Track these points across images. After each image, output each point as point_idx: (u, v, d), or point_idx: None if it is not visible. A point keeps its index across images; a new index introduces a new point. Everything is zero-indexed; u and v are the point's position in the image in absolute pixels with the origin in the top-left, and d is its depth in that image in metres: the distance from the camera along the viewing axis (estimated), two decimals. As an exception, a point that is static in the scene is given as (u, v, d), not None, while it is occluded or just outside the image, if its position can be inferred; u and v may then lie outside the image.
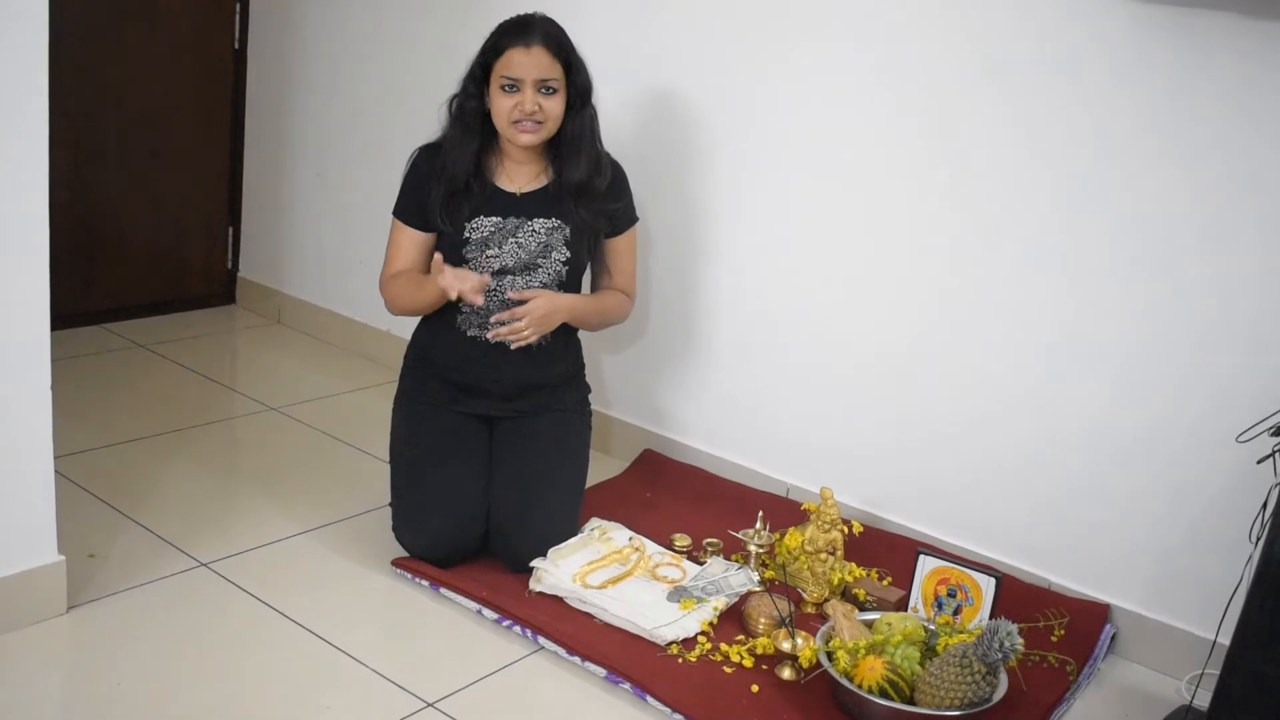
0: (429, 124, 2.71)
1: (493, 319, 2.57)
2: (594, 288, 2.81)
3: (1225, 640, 2.11)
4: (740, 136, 2.97)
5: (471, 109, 2.59)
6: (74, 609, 2.31)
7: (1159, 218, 2.41)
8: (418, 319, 2.77)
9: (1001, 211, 2.62)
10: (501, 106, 2.54)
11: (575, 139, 2.62)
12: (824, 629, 2.32)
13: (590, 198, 2.64)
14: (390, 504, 2.66)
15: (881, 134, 2.76)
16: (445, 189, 2.59)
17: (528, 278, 2.61)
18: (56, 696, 2.14)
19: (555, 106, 2.56)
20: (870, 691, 2.12)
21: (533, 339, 2.57)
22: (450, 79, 2.67)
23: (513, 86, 2.53)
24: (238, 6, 4.03)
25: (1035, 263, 2.59)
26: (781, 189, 2.93)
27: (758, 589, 2.53)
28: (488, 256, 2.59)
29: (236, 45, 4.06)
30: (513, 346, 2.58)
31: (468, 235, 2.60)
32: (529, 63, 2.52)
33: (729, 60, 2.95)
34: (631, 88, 3.09)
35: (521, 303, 2.56)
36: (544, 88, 2.54)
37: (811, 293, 2.93)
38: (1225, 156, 2.32)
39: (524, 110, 2.53)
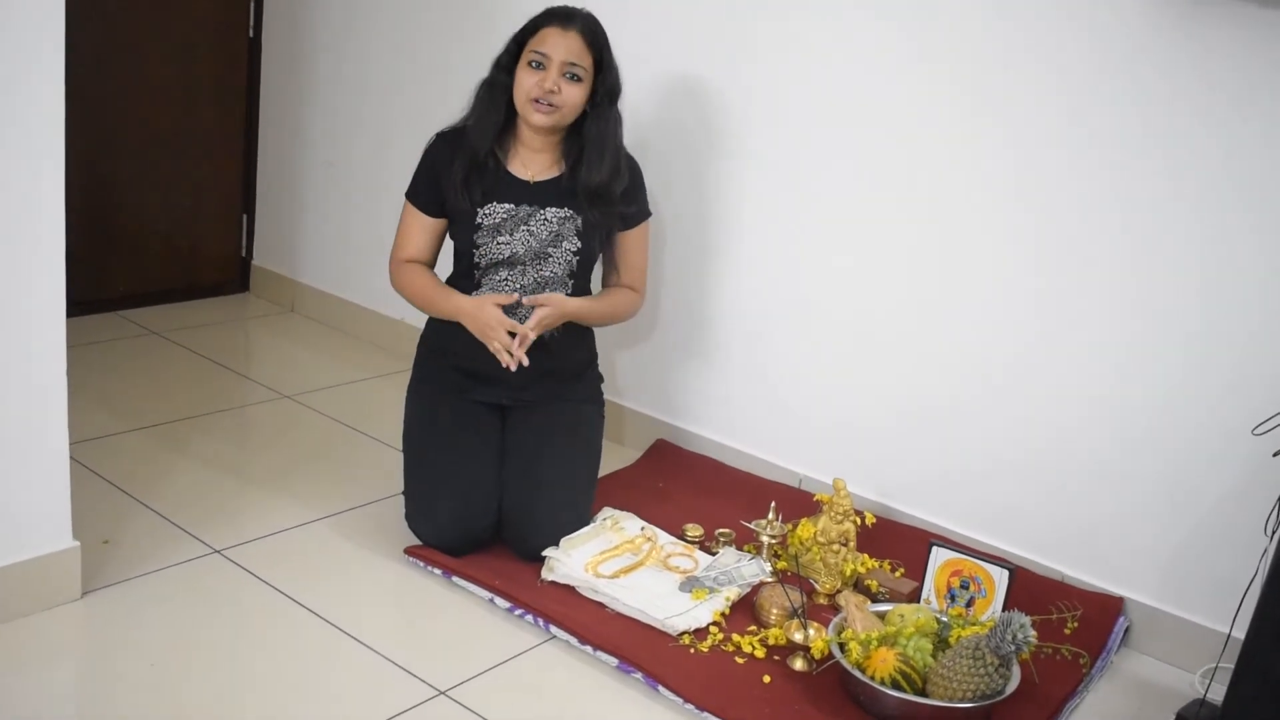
0: (443, 112, 2.71)
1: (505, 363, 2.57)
2: (605, 281, 2.80)
3: (1240, 634, 2.10)
4: (756, 129, 2.97)
5: (501, 83, 2.60)
6: (88, 594, 2.32)
7: (1176, 209, 2.40)
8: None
9: (1019, 206, 2.61)
10: (524, 82, 2.54)
11: (598, 139, 2.60)
12: (836, 620, 2.32)
13: (606, 201, 2.63)
14: (403, 492, 2.67)
15: (898, 128, 2.75)
16: (464, 166, 2.59)
17: (538, 265, 2.61)
18: (71, 681, 2.15)
19: (575, 94, 2.56)
20: (882, 683, 2.12)
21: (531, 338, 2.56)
22: (464, 68, 2.67)
23: (539, 64, 2.53)
24: (252, -6, 4.03)
25: (1051, 256, 2.58)
26: (796, 182, 2.93)
27: (770, 580, 2.53)
28: (499, 243, 2.59)
29: (251, 34, 4.06)
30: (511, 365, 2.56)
31: (480, 221, 2.60)
32: (561, 43, 2.52)
33: (749, 51, 2.94)
34: (650, 78, 3.08)
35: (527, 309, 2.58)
36: (569, 72, 2.54)
37: (825, 284, 2.92)
38: (1249, 148, 2.30)
39: (543, 88, 2.52)
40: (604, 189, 2.61)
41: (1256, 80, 2.26)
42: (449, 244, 2.71)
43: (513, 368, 2.54)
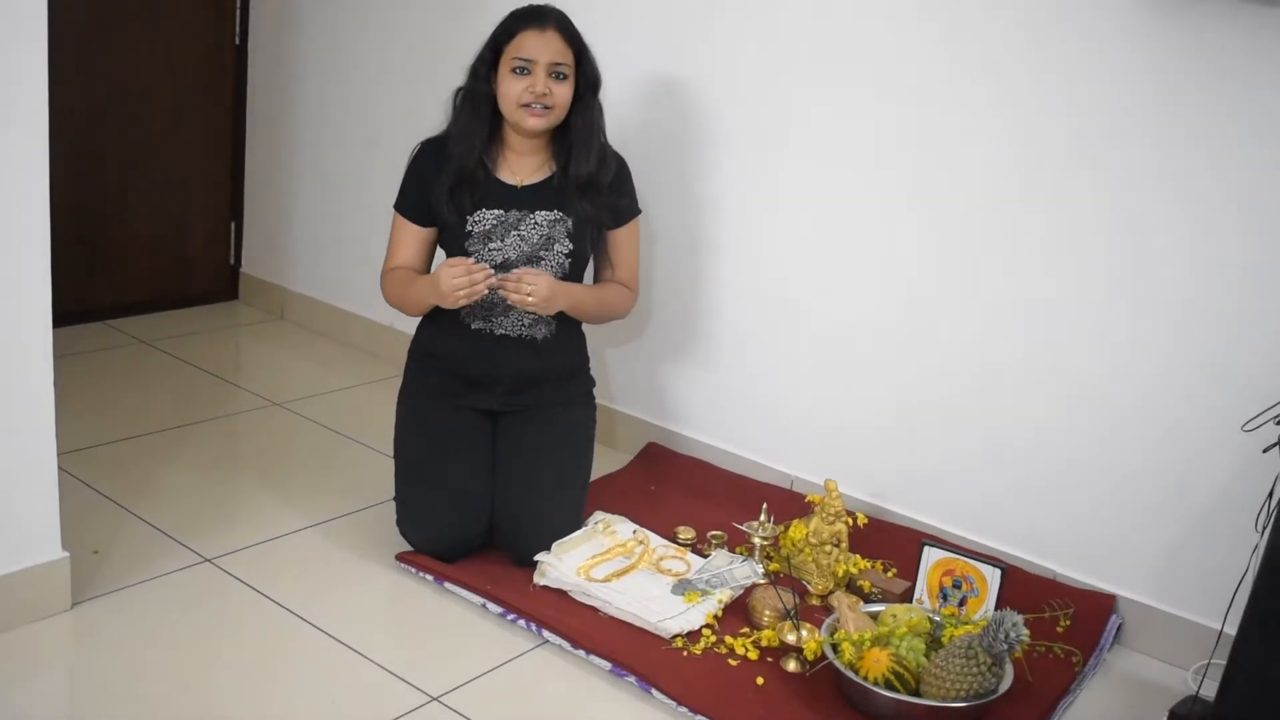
0: (431, 119, 2.70)
1: (499, 278, 2.49)
2: (597, 281, 2.80)
3: (1232, 630, 2.11)
4: (744, 129, 2.97)
5: (481, 93, 2.59)
6: (78, 605, 2.31)
7: (1164, 206, 2.41)
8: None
9: (1003, 202, 2.61)
10: (511, 89, 2.54)
11: (583, 131, 2.61)
12: (829, 621, 2.32)
13: (596, 191, 2.63)
14: (394, 499, 2.66)
15: (883, 128, 2.75)
16: (451, 178, 2.59)
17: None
18: (61, 692, 2.15)
19: (564, 92, 2.56)
20: (875, 683, 2.11)
21: (532, 305, 2.49)
22: (451, 74, 2.67)
23: (524, 69, 2.53)
24: (238, 2, 4.02)
25: (1040, 254, 2.58)
26: (785, 181, 2.93)
27: (762, 581, 2.53)
28: (490, 249, 2.59)
29: (237, 41, 4.06)
30: (511, 300, 2.49)
31: (470, 229, 2.59)
32: (542, 45, 2.52)
33: (734, 53, 2.94)
34: (637, 80, 3.08)
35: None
36: (555, 72, 2.54)
37: (815, 285, 2.93)
38: (1242, 146, 2.31)
39: (535, 92, 2.52)
40: (593, 178, 2.62)
41: (1253, 78, 2.26)
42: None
43: (487, 284, 2.46)
